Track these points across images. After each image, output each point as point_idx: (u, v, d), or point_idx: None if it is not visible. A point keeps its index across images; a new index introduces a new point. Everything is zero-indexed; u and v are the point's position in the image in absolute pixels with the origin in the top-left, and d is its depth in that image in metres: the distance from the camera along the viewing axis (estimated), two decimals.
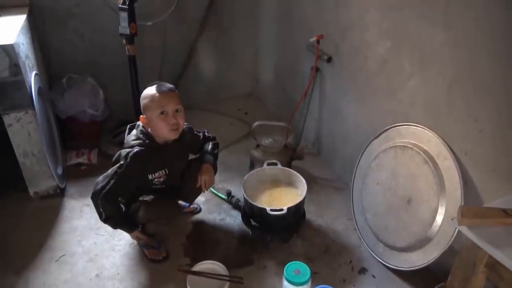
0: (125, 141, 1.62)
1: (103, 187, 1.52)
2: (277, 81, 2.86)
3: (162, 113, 1.52)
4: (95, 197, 1.55)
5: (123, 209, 1.64)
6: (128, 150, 1.53)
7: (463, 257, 1.10)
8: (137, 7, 2.06)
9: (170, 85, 1.58)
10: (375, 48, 1.80)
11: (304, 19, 2.32)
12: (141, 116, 1.58)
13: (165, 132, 1.55)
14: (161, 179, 1.65)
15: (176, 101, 1.55)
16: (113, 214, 1.60)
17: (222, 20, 2.79)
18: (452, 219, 1.45)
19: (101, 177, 1.56)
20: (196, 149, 1.83)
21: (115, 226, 1.67)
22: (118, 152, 1.57)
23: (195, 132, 1.80)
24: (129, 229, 1.69)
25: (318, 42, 2.08)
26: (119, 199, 1.61)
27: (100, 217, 1.60)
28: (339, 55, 2.06)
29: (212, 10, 2.70)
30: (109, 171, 1.54)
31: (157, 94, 1.52)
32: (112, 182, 1.51)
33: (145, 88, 1.60)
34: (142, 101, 1.56)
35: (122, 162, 1.52)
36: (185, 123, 1.72)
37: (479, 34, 1.32)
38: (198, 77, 2.92)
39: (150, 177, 1.62)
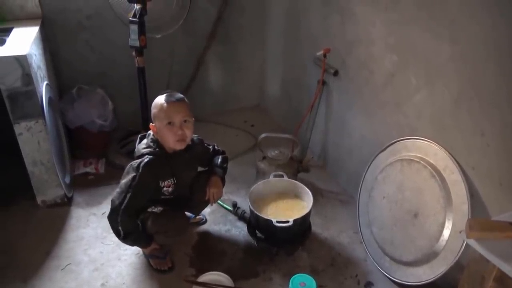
0: (135, 149, 1.64)
1: (121, 203, 1.52)
2: (283, 94, 2.89)
3: (169, 123, 1.54)
4: (114, 214, 1.54)
5: (140, 225, 1.64)
6: (138, 161, 1.54)
7: (471, 271, 1.09)
8: (146, 20, 2.10)
9: (179, 95, 1.59)
10: (381, 62, 1.82)
11: (310, 33, 2.36)
12: (151, 124, 1.61)
13: (171, 142, 1.57)
14: (170, 189, 1.65)
15: (184, 112, 1.56)
16: (132, 231, 1.59)
17: (229, 33, 2.83)
18: (460, 232, 1.45)
19: (115, 194, 1.56)
20: (205, 162, 1.85)
21: (133, 243, 1.66)
22: (129, 165, 1.58)
23: (206, 144, 1.82)
24: (145, 244, 1.68)
25: (325, 55, 2.10)
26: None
27: (118, 236, 1.59)
28: (345, 68, 2.08)
29: (220, 24, 2.74)
30: (122, 185, 1.54)
31: (165, 105, 1.54)
32: (128, 196, 1.52)
33: (153, 99, 1.62)
34: (152, 110, 1.59)
35: (134, 174, 1.52)
36: (196, 135, 1.74)
37: (485, 48, 1.34)
38: (205, 89, 2.95)
39: (161, 184, 1.63)
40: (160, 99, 1.57)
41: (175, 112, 1.54)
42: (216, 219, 2.05)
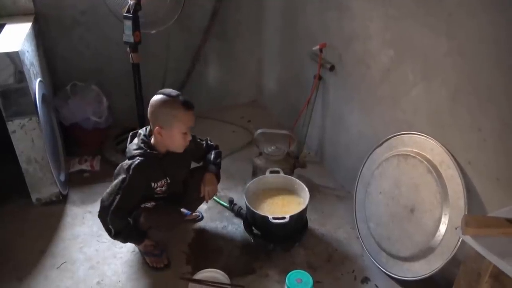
0: (127, 149, 1.61)
1: (110, 204, 1.51)
2: (280, 90, 2.87)
3: (185, 133, 1.53)
4: (103, 215, 1.54)
5: (131, 222, 1.63)
6: (129, 162, 1.52)
7: (467, 267, 1.08)
8: (141, 15, 2.08)
9: (190, 101, 1.54)
10: (378, 57, 1.80)
11: (307, 29, 2.34)
12: (157, 128, 1.51)
13: (177, 147, 1.57)
14: (163, 188, 1.64)
15: (194, 119, 1.56)
16: (122, 229, 1.59)
17: (226, 29, 2.81)
18: (456, 229, 1.44)
19: (105, 195, 1.55)
20: (199, 157, 1.83)
21: (125, 240, 1.66)
22: (120, 165, 1.56)
23: (198, 140, 1.80)
24: (138, 240, 1.68)
25: (321, 50, 2.08)
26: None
27: (109, 234, 1.59)
28: (342, 64, 2.07)
29: (216, 20, 2.72)
30: (113, 186, 1.53)
31: (186, 113, 1.50)
32: (118, 197, 1.50)
33: (148, 95, 1.59)
34: (163, 110, 1.49)
35: (124, 176, 1.51)
36: None
37: (482, 43, 1.32)
38: (202, 85, 2.93)
39: (153, 185, 1.61)
40: (176, 103, 1.47)
41: (191, 120, 1.54)
42: (213, 215, 2.04)
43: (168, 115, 1.49)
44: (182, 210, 1.90)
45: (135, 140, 1.62)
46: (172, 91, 1.54)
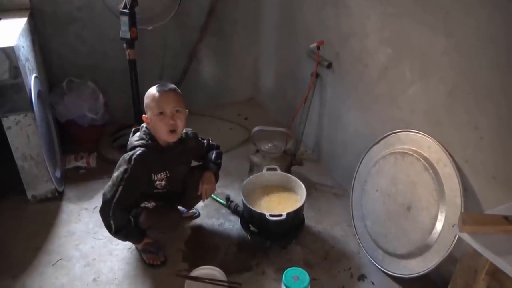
0: (128, 142, 1.62)
1: (112, 196, 1.50)
2: (277, 87, 2.87)
3: (160, 113, 1.52)
4: (106, 208, 1.52)
5: (132, 220, 1.63)
6: (130, 153, 1.53)
7: (464, 265, 1.09)
8: (137, 11, 2.06)
9: (172, 85, 1.58)
10: (375, 55, 1.80)
11: (305, 26, 2.33)
12: (144, 115, 1.60)
13: (163, 134, 1.56)
14: (163, 182, 1.64)
15: (175, 103, 1.55)
16: (124, 225, 1.58)
17: (223, 26, 2.80)
18: (453, 226, 1.45)
19: (106, 188, 1.54)
20: (199, 156, 1.83)
21: (125, 237, 1.65)
22: (121, 157, 1.56)
23: (200, 138, 1.80)
24: (137, 239, 1.68)
25: (318, 48, 2.08)
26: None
27: (110, 230, 1.57)
28: (339, 61, 2.07)
29: (213, 17, 2.71)
30: (114, 178, 1.53)
31: (157, 94, 1.53)
32: (120, 189, 1.50)
33: (145, 92, 1.60)
34: (145, 101, 1.58)
35: (126, 167, 1.51)
36: (190, 129, 1.73)
37: (480, 41, 1.33)
38: (199, 83, 2.92)
39: (153, 177, 1.61)
40: (152, 89, 1.56)
41: (167, 101, 1.53)
42: (209, 213, 2.03)
43: (146, 99, 1.57)
44: (179, 207, 1.90)
45: (137, 133, 1.63)
46: (162, 82, 1.60)
